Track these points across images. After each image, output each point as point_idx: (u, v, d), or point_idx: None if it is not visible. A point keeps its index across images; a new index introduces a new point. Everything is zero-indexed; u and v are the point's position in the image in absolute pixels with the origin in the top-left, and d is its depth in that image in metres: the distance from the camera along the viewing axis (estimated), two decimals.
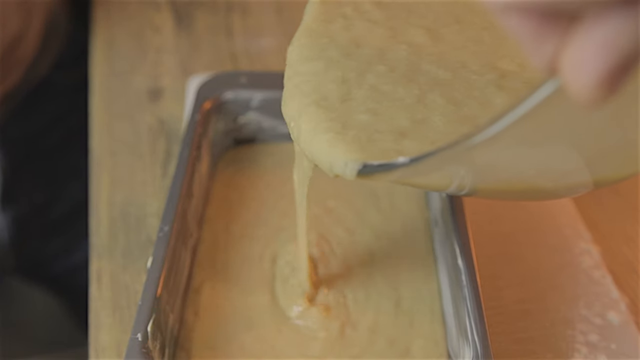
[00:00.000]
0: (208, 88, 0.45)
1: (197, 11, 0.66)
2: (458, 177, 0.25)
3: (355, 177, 0.26)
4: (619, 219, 0.47)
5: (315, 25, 0.33)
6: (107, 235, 0.46)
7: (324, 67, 0.30)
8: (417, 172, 0.25)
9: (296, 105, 0.29)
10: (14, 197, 0.64)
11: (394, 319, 0.37)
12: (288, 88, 0.30)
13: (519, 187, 0.27)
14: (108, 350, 0.40)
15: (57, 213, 0.67)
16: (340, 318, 0.37)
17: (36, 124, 0.65)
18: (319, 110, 0.28)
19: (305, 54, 0.31)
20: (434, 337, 0.36)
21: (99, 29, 0.64)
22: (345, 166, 0.27)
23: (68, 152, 0.62)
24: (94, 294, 0.43)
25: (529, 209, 0.47)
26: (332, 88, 0.29)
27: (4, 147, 0.62)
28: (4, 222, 0.63)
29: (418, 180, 0.27)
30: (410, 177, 0.26)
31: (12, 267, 0.66)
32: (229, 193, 0.44)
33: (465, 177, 0.25)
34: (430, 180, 0.27)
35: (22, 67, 0.61)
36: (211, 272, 0.40)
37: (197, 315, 0.37)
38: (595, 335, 0.39)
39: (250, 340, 0.36)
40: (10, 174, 0.63)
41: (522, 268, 0.43)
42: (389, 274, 0.40)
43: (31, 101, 0.64)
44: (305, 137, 0.28)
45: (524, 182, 0.26)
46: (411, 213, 0.43)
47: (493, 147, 0.21)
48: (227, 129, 0.47)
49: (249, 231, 0.42)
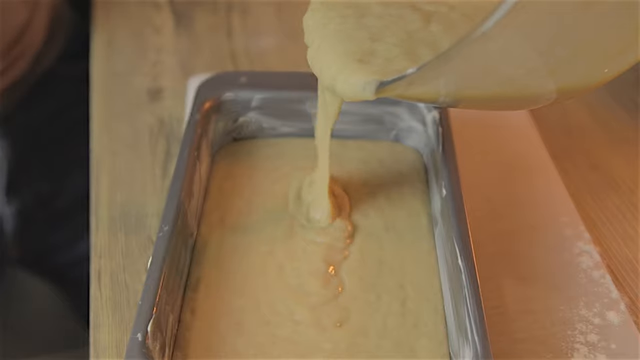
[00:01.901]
0: (208, 88, 0.45)
1: (197, 11, 0.66)
2: (451, 82, 0.30)
3: (374, 95, 0.31)
4: (619, 219, 0.48)
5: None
6: (107, 235, 0.46)
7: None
8: (423, 78, 0.29)
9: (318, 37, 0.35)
10: (18, 187, 0.64)
11: (401, 319, 0.37)
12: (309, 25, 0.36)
13: (505, 89, 0.30)
14: (108, 350, 0.40)
15: (61, 204, 0.67)
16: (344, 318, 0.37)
17: (41, 115, 0.65)
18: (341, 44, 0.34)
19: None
20: (437, 337, 0.36)
21: (99, 29, 0.64)
22: (364, 87, 0.32)
23: (73, 143, 0.62)
24: (94, 293, 0.43)
25: (529, 208, 0.47)
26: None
27: (9, 138, 0.62)
28: (8, 213, 0.63)
29: (420, 89, 0.31)
30: (415, 85, 0.30)
31: (15, 258, 0.67)
32: (223, 184, 0.44)
33: (457, 81, 0.30)
34: (428, 88, 0.31)
35: (28, 57, 0.61)
36: (206, 268, 0.39)
37: (193, 314, 0.37)
38: (595, 335, 0.39)
39: (242, 343, 0.36)
40: (15, 165, 0.63)
41: (522, 268, 0.43)
42: (396, 270, 0.39)
43: (36, 92, 0.64)
44: (329, 73, 0.33)
45: (513, 80, 0.29)
46: (416, 207, 0.43)
47: (473, 52, 0.26)
48: (227, 129, 0.47)
49: (242, 220, 0.42)
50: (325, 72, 0.34)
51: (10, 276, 0.69)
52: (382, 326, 0.37)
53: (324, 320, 0.37)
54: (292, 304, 0.38)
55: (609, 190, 0.50)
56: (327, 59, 0.34)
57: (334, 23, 0.35)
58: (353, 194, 0.44)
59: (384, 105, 0.45)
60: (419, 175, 0.45)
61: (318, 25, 0.35)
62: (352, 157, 0.46)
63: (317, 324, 0.37)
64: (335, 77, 0.33)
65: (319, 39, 0.35)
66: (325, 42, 0.34)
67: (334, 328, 0.37)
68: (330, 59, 0.33)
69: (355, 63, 0.33)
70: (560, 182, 0.49)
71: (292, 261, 0.40)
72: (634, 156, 0.52)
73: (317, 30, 0.35)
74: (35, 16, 0.61)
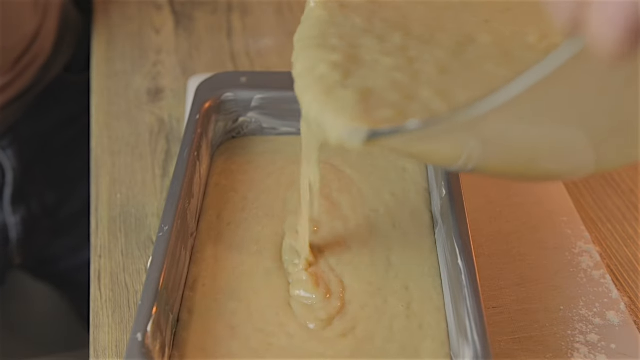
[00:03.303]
0: (208, 88, 0.45)
1: (197, 11, 0.66)
2: (467, 148, 0.25)
3: (362, 144, 0.26)
4: (619, 219, 0.48)
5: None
6: (107, 235, 0.46)
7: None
8: (427, 136, 0.24)
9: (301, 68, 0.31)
10: (24, 196, 0.64)
11: (406, 322, 0.37)
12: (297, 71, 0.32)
13: (523, 164, 0.26)
14: (108, 350, 0.40)
15: (65, 213, 0.67)
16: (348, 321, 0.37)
17: (47, 125, 0.65)
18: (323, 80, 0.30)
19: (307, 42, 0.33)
20: (440, 338, 0.36)
21: (99, 29, 0.64)
22: (354, 133, 0.26)
23: (78, 153, 0.62)
24: (94, 293, 0.43)
25: (529, 209, 0.47)
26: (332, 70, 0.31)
27: (15, 146, 0.62)
28: (14, 221, 0.63)
29: (426, 147, 0.27)
30: (418, 142, 0.26)
31: (19, 264, 0.67)
32: (220, 181, 0.44)
33: (474, 149, 0.25)
34: (437, 149, 0.27)
35: (36, 66, 0.61)
36: (203, 267, 0.39)
37: (190, 313, 0.37)
38: (595, 335, 0.39)
39: (236, 346, 0.36)
40: (20, 174, 0.63)
41: (522, 268, 0.43)
42: (401, 270, 0.39)
43: (43, 102, 0.64)
44: (314, 110, 0.29)
45: (531, 159, 0.26)
46: (419, 206, 0.43)
47: (508, 112, 0.21)
48: (227, 129, 0.47)
49: (237, 216, 0.42)
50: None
51: (13, 279, 0.69)
52: (388, 330, 0.36)
53: (327, 334, 0.36)
54: (283, 316, 0.37)
55: (609, 190, 0.50)
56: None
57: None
58: (356, 192, 0.44)
59: None
60: (421, 172, 0.45)
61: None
62: (355, 151, 0.46)
63: (317, 337, 0.36)
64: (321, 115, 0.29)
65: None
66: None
67: (338, 338, 0.36)
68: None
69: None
70: (560, 182, 0.49)
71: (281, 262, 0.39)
72: None
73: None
74: (45, 22, 0.61)
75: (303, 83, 0.30)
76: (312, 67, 0.31)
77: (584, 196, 0.49)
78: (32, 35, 0.59)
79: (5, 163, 0.62)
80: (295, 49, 0.32)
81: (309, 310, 0.37)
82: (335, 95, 0.29)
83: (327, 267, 0.39)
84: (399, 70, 0.30)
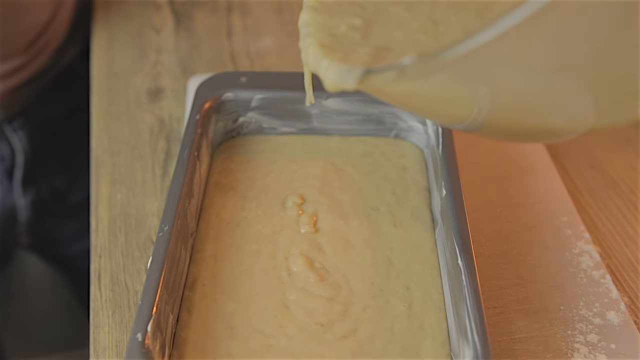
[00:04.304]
0: (208, 88, 0.45)
1: (197, 11, 0.66)
2: (461, 92, 0.24)
3: (357, 83, 0.26)
4: (619, 219, 0.48)
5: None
6: (107, 235, 0.46)
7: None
8: (422, 73, 0.23)
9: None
10: (34, 179, 0.65)
11: (407, 322, 0.37)
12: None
13: (516, 113, 0.26)
14: (108, 350, 0.40)
15: (74, 198, 0.68)
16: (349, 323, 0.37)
17: (60, 109, 0.66)
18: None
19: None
20: (441, 338, 0.36)
21: (99, 29, 0.64)
22: (347, 72, 0.26)
23: (88, 140, 0.63)
24: (94, 293, 0.43)
25: (529, 209, 0.47)
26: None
27: (27, 129, 0.63)
28: (23, 203, 0.64)
29: (421, 88, 0.26)
30: (414, 82, 0.25)
31: (27, 244, 0.67)
32: (220, 179, 0.44)
33: (467, 94, 0.24)
34: (432, 92, 0.26)
35: (50, 50, 0.62)
36: (202, 267, 0.39)
37: (190, 313, 0.37)
38: (595, 335, 0.39)
39: (235, 346, 0.35)
40: (31, 157, 0.64)
41: (522, 268, 0.43)
42: (402, 270, 0.39)
43: (56, 86, 0.65)
44: (312, 54, 0.30)
45: (525, 107, 0.25)
46: (420, 205, 0.43)
47: (498, 50, 0.20)
48: (227, 129, 0.47)
49: (237, 215, 0.42)
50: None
51: (20, 259, 0.70)
52: (389, 331, 0.36)
53: (328, 336, 0.36)
54: (281, 318, 0.37)
55: (609, 190, 0.50)
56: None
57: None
58: (357, 190, 0.44)
59: (384, 106, 0.45)
60: (421, 171, 0.45)
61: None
62: (355, 150, 0.46)
63: (318, 338, 0.36)
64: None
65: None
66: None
67: (339, 340, 0.36)
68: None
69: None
70: (560, 182, 0.49)
71: (282, 261, 0.39)
72: (634, 156, 0.52)
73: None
74: (59, 12, 0.61)
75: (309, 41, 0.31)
76: (332, 27, 0.31)
77: (584, 196, 0.49)
78: (47, 20, 0.60)
79: (16, 145, 0.63)
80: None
81: (309, 313, 0.37)
82: (348, 49, 0.29)
83: (330, 266, 0.39)
84: (423, 32, 0.29)
